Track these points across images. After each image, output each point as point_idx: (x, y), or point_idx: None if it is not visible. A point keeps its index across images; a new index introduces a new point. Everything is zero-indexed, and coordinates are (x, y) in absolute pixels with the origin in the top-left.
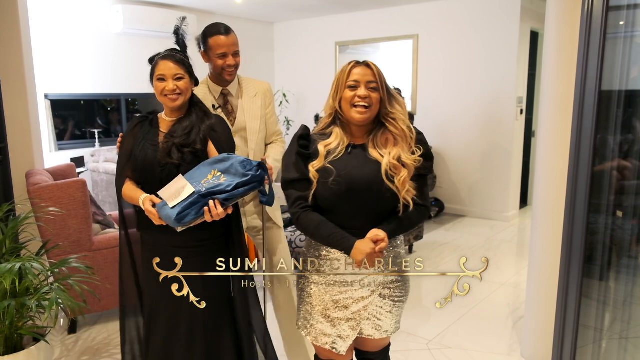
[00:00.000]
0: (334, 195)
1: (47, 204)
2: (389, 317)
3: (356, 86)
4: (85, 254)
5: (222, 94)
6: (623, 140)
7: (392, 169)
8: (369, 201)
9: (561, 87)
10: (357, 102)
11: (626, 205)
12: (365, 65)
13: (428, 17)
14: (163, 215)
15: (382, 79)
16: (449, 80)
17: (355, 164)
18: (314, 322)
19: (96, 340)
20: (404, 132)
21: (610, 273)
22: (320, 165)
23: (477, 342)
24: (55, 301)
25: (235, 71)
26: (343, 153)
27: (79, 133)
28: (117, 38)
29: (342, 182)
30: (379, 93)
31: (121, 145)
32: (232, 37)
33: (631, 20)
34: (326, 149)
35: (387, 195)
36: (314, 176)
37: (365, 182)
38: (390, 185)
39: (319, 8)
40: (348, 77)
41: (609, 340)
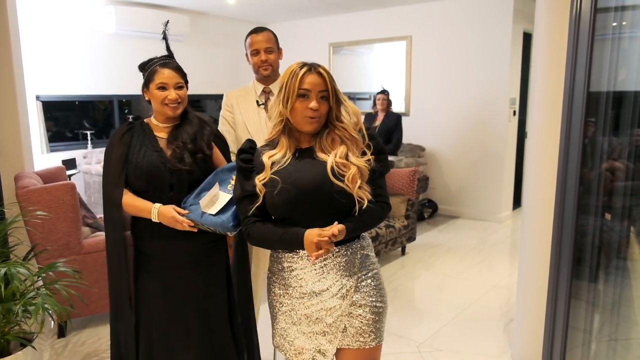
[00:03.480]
0: (285, 202)
1: (36, 207)
2: (368, 326)
3: (306, 95)
4: (74, 258)
5: (264, 91)
6: (612, 142)
7: (340, 166)
8: (322, 204)
9: (550, 89)
10: (308, 115)
11: (616, 206)
12: (317, 74)
13: (421, 18)
14: (209, 222)
15: (332, 87)
16: (442, 82)
17: (303, 168)
18: (290, 339)
19: (86, 344)
20: (352, 137)
21: (599, 274)
22: (265, 177)
23: (468, 344)
24: (41, 306)
25: (270, 67)
26: (290, 160)
27: (70, 135)
28: (109, 39)
29: (290, 189)
30: (327, 102)
31: (108, 153)
32: (264, 34)
33: (619, 21)
34: (270, 160)
35: (339, 196)
36: (260, 190)
37: (314, 184)
38: (340, 184)
39: (313, 9)
40: (300, 84)
41: (599, 342)
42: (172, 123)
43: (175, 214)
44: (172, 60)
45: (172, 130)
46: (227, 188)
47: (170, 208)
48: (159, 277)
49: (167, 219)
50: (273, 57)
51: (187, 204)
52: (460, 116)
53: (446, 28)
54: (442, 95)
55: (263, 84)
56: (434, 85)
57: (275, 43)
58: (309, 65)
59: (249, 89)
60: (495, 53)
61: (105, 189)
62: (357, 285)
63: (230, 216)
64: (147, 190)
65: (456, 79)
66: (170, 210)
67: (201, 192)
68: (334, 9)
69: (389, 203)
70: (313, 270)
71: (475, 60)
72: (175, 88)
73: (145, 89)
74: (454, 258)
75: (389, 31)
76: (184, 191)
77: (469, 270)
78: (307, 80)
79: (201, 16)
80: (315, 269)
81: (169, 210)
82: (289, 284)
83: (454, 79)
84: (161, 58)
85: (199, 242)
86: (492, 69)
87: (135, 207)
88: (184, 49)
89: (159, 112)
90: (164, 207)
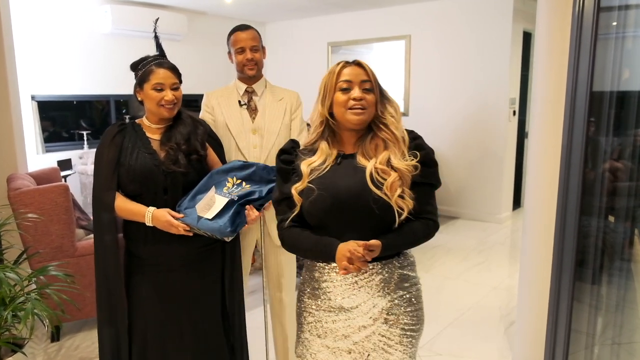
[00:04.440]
0: (319, 211)
1: (28, 209)
2: (399, 350)
3: (349, 87)
4: (68, 261)
5: (247, 91)
6: (615, 142)
7: (380, 172)
8: (358, 214)
9: (552, 88)
10: (353, 105)
11: (619, 207)
12: (357, 65)
13: (420, 17)
14: (206, 227)
15: (375, 79)
16: (442, 81)
17: (343, 175)
18: (313, 351)
19: (79, 348)
20: (395, 136)
21: (603, 276)
22: (302, 187)
23: (468, 348)
24: (30, 311)
25: (255, 67)
26: (330, 166)
27: (66, 135)
28: (105, 38)
29: (326, 196)
30: (373, 94)
31: (99, 156)
32: (250, 32)
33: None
34: (309, 168)
35: (378, 205)
36: (297, 200)
37: (350, 192)
38: (378, 192)
39: (311, 8)
40: (338, 78)
41: (602, 346)
42: (165, 124)
43: (170, 218)
44: (166, 60)
45: (165, 131)
46: (224, 191)
47: (164, 212)
48: (152, 280)
49: (162, 223)
50: (259, 55)
51: (182, 208)
52: (459, 116)
53: (445, 27)
54: (441, 95)
55: (246, 83)
56: (433, 85)
57: (260, 41)
58: (347, 60)
59: (230, 88)
60: (494, 52)
61: (96, 192)
62: (391, 306)
63: (227, 221)
64: (140, 194)
65: (455, 78)
66: (165, 214)
67: (196, 195)
68: (333, 8)
69: (437, 221)
70: (344, 284)
71: (475, 59)
72: (172, 89)
73: (139, 89)
74: (454, 259)
75: (388, 31)
76: (179, 194)
77: (469, 271)
78: (346, 72)
79: (199, 15)
80: (347, 284)
81: (163, 214)
82: (318, 295)
83: (454, 79)
84: (154, 57)
85: (194, 245)
86: (492, 69)
87: (128, 211)
88: (181, 48)
89: (153, 113)
90: (158, 210)
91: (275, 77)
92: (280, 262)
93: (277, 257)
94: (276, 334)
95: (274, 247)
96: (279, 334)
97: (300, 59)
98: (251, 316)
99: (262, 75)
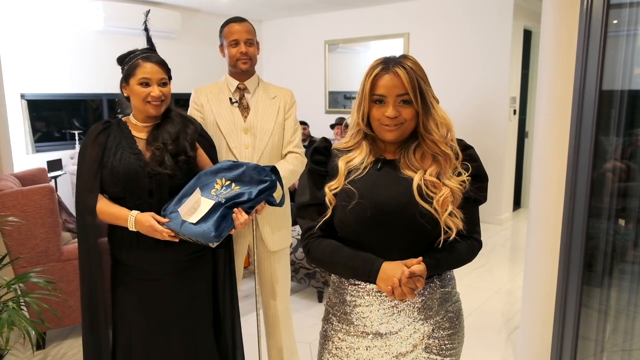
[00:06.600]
0: (358, 221)
1: (11, 212)
2: None
3: (382, 100)
4: (53, 265)
5: (239, 88)
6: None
7: (430, 186)
8: (402, 229)
9: (558, 87)
10: (386, 123)
11: (629, 208)
12: (394, 74)
13: (419, 15)
14: (189, 232)
15: (415, 87)
16: (441, 80)
17: (384, 183)
18: None
19: (66, 356)
20: (443, 153)
21: (612, 280)
22: (338, 186)
23: (470, 354)
24: (6, 322)
25: (249, 61)
26: (369, 169)
27: (58, 135)
28: (97, 36)
29: (366, 205)
30: (413, 107)
31: (82, 155)
32: (245, 24)
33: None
34: (347, 166)
35: (424, 221)
36: (330, 200)
37: (395, 203)
38: (427, 207)
39: (307, 6)
40: (372, 88)
41: (610, 353)
42: (152, 122)
43: (154, 223)
44: (155, 54)
45: (152, 130)
46: (211, 193)
47: (148, 216)
48: (137, 290)
49: (146, 228)
50: (253, 50)
51: (168, 212)
52: (459, 115)
53: (444, 25)
54: (440, 94)
55: (237, 79)
56: (432, 83)
57: (255, 36)
58: (386, 61)
59: (220, 84)
60: (495, 51)
61: (78, 193)
62: (433, 329)
63: (211, 225)
64: (124, 196)
65: (455, 77)
66: (149, 218)
67: (182, 198)
68: (329, 5)
69: (481, 241)
70: (382, 308)
71: (475, 58)
72: (159, 84)
73: (125, 84)
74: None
75: (386, 28)
76: (165, 197)
77: (470, 275)
78: (381, 84)
79: (193, 13)
80: (385, 308)
81: (147, 218)
82: (350, 320)
83: (453, 77)
84: (143, 51)
85: (181, 252)
86: (492, 67)
87: (110, 214)
88: (175, 46)
89: (139, 110)
90: (142, 214)
91: (271, 75)
92: (275, 269)
93: (271, 263)
94: (270, 345)
95: (268, 253)
96: (273, 345)
97: (297, 58)
98: (242, 324)
99: (255, 72)
